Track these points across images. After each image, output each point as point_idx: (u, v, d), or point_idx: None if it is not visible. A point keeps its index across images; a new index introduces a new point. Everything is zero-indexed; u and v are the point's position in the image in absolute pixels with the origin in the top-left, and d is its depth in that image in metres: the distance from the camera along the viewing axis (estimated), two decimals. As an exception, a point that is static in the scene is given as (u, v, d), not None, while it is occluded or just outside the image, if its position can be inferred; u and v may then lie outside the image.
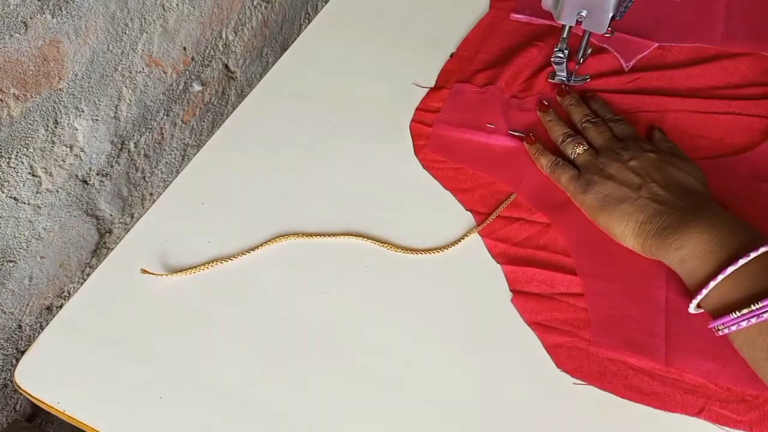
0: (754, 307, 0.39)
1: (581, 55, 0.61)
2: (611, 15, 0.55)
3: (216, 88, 0.82)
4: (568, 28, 0.59)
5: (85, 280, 0.55)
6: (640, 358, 0.45)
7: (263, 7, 0.86)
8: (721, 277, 0.41)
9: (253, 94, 0.66)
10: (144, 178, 0.74)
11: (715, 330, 0.42)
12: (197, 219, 0.56)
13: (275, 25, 0.91)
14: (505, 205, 0.54)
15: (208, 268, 0.52)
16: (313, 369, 0.47)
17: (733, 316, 0.40)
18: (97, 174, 0.66)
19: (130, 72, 0.66)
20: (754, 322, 0.39)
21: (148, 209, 0.57)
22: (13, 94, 0.53)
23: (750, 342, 0.41)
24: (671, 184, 0.49)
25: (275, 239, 0.53)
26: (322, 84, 0.66)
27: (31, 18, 0.52)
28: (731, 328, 0.41)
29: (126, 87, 0.66)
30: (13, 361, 0.64)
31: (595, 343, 0.46)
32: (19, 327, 0.64)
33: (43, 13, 0.53)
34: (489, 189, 0.56)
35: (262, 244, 0.53)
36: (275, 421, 0.45)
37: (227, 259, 0.52)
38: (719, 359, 0.44)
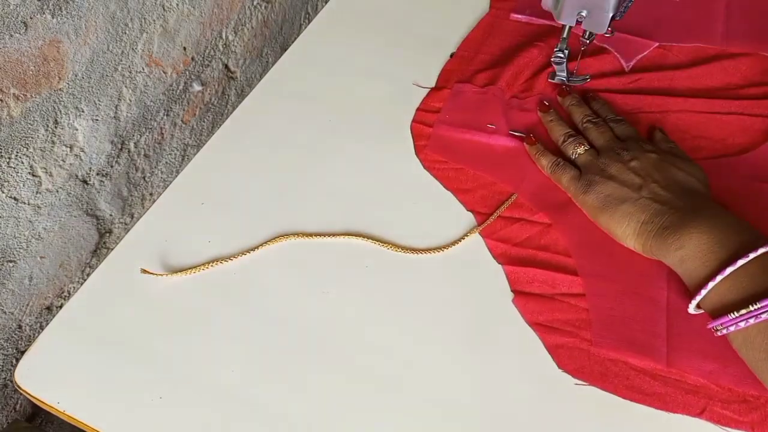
0: (753, 307, 0.39)
1: (580, 55, 0.61)
2: (611, 15, 0.55)
3: (216, 88, 0.82)
4: (568, 28, 0.59)
5: (85, 280, 0.55)
6: (641, 358, 0.45)
7: (263, 7, 0.86)
8: (719, 278, 0.41)
9: (253, 94, 0.66)
10: (144, 178, 0.74)
11: (714, 330, 0.42)
12: (197, 219, 0.56)
13: (275, 25, 0.91)
14: (506, 205, 0.54)
15: (208, 268, 0.52)
16: (313, 369, 0.47)
17: (732, 316, 0.40)
18: (97, 174, 0.66)
19: (130, 72, 0.66)
20: (752, 323, 0.39)
21: (148, 209, 0.57)
22: (13, 94, 0.53)
23: (748, 342, 0.41)
24: (672, 184, 0.49)
25: (275, 239, 0.53)
26: (322, 84, 0.66)
27: (31, 18, 0.52)
28: (730, 328, 0.41)
29: (126, 87, 0.66)
30: (13, 361, 0.64)
31: (597, 344, 0.46)
32: (19, 327, 0.64)
33: (43, 13, 0.53)
34: (490, 189, 0.56)
35: (263, 244, 0.53)
36: (275, 421, 0.44)
37: (227, 259, 0.52)
38: (720, 360, 0.44)
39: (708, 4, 0.70)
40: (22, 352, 0.62)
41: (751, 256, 0.41)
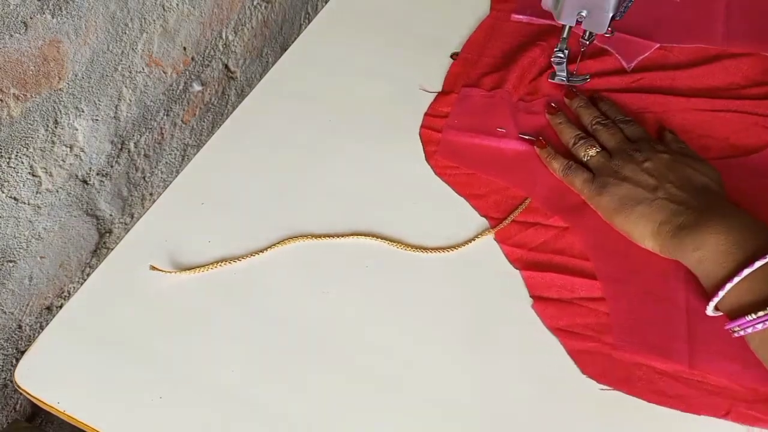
0: None
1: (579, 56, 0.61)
2: (611, 15, 0.55)
3: (216, 88, 0.82)
4: (568, 28, 0.59)
5: (85, 280, 0.55)
6: (664, 361, 0.44)
7: (263, 7, 0.86)
8: (737, 280, 0.41)
9: (253, 94, 0.66)
10: (144, 178, 0.74)
11: (732, 332, 0.42)
12: (197, 219, 0.56)
13: (275, 25, 0.91)
14: (520, 210, 0.54)
15: (216, 267, 0.52)
16: (314, 369, 0.47)
17: (749, 318, 0.40)
18: (97, 174, 0.66)
19: (130, 72, 0.66)
20: None
21: (148, 209, 0.57)
22: (13, 94, 0.53)
23: (766, 343, 0.41)
24: (687, 184, 0.49)
25: (285, 241, 0.53)
26: (322, 84, 0.66)
27: (31, 18, 0.52)
28: (747, 330, 0.41)
29: (126, 87, 0.66)
30: (13, 361, 0.64)
31: (619, 348, 0.46)
32: (19, 327, 0.64)
33: (43, 13, 0.53)
34: (503, 194, 0.55)
35: (272, 246, 0.53)
36: (275, 421, 0.44)
37: (235, 260, 0.52)
38: (742, 360, 0.44)
39: (708, 5, 0.70)
40: (22, 352, 0.62)
41: None
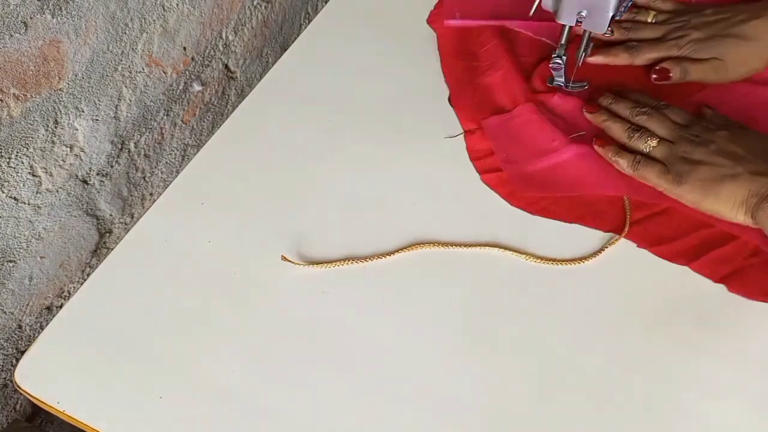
0: None
1: (581, 54, 0.61)
2: (611, 15, 0.55)
3: (216, 88, 0.82)
4: (567, 29, 0.58)
5: (85, 280, 0.55)
6: None
7: (263, 7, 0.86)
8: None
9: (253, 94, 0.66)
10: (144, 178, 0.74)
11: None
12: (197, 219, 0.56)
13: (275, 25, 0.91)
14: (629, 212, 0.54)
15: (343, 265, 0.52)
16: (314, 369, 0.47)
17: None
18: (97, 174, 0.66)
19: (130, 72, 0.66)
20: None
21: (148, 209, 0.57)
22: (13, 94, 0.53)
23: None
24: (757, 152, 0.50)
25: (412, 247, 0.52)
26: (322, 84, 0.66)
27: (31, 18, 0.52)
28: None
29: (126, 87, 0.66)
30: (13, 361, 0.64)
31: None
32: (19, 327, 0.64)
33: (43, 13, 0.53)
34: (602, 205, 0.55)
35: (399, 251, 0.52)
36: (275, 421, 0.45)
37: (364, 260, 0.52)
38: None
39: None
40: (22, 352, 0.62)
41: None
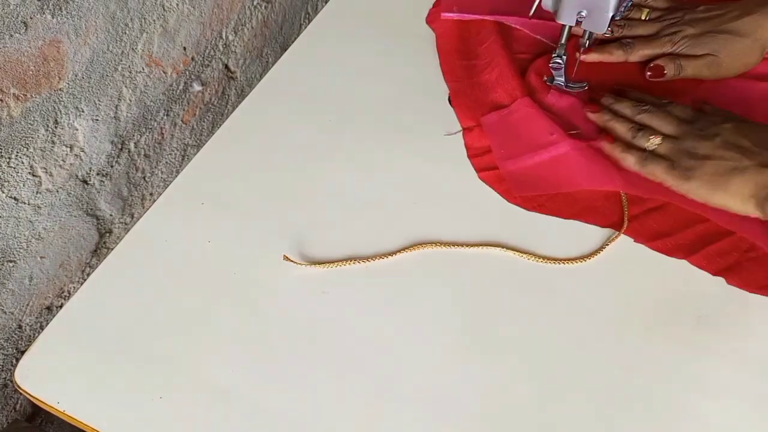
0: None
1: (581, 50, 0.61)
2: (611, 15, 0.55)
3: (216, 88, 0.82)
4: (567, 29, 0.58)
5: (85, 280, 0.55)
6: None
7: (263, 7, 0.86)
8: None
9: (253, 94, 0.66)
10: (144, 178, 0.74)
11: None
12: (197, 219, 0.56)
13: (275, 25, 0.91)
14: (627, 208, 0.54)
15: (345, 265, 0.52)
16: (314, 369, 0.47)
17: None
18: (97, 174, 0.66)
19: (130, 72, 0.66)
20: None
21: (148, 209, 0.57)
22: (13, 94, 0.53)
23: None
24: (764, 144, 0.50)
25: (414, 247, 0.53)
26: (322, 84, 0.66)
27: (31, 18, 0.52)
28: None
29: (126, 87, 0.66)
30: (13, 361, 0.64)
31: None
32: (19, 327, 0.64)
33: (43, 13, 0.53)
34: (597, 201, 0.55)
35: (400, 251, 0.52)
36: (275, 421, 0.45)
37: (365, 260, 0.52)
38: None
39: None
40: (22, 352, 0.62)
41: None
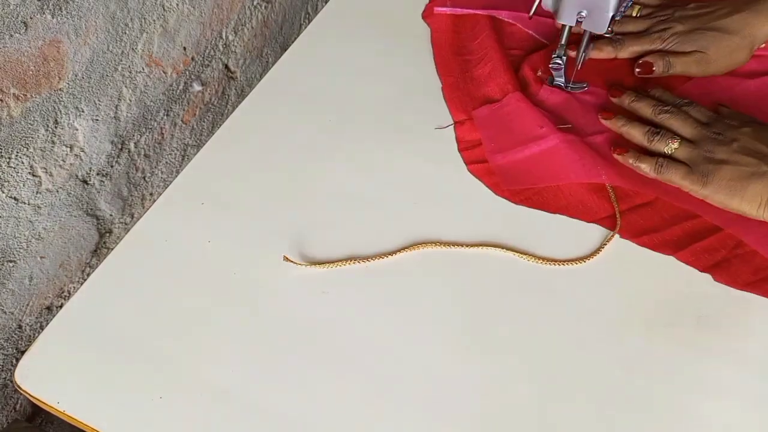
0: None
1: (580, 59, 0.61)
2: (611, 15, 0.55)
3: (216, 88, 0.82)
4: (567, 29, 0.58)
5: (85, 280, 0.55)
6: None
7: (263, 7, 0.86)
8: None
9: (253, 94, 0.66)
10: (144, 178, 0.74)
11: None
12: (197, 219, 0.56)
13: (275, 25, 0.91)
14: (617, 204, 0.54)
15: (345, 265, 0.52)
16: (314, 369, 0.47)
17: None
18: (97, 174, 0.66)
19: (130, 72, 0.66)
20: None
21: (148, 209, 0.57)
22: (13, 94, 0.53)
23: None
24: None
25: (413, 246, 0.53)
26: (322, 84, 0.66)
27: (31, 18, 0.52)
28: None
29: (126, 87, 0.66)
30: (13, 361, 0.64)
31: None
32: (19, 327, 0.64)
33: (43, 13, 0.53)
34: (584, 196, 0.55)
35: (400, 250, 0.52)
36: (275, 421, 0.44)
37: (365, 260, 0.52)
38: None
39: None
40: (22, 352, 0.62)
41: None
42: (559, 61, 0.60)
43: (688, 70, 0.60)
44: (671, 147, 0.54)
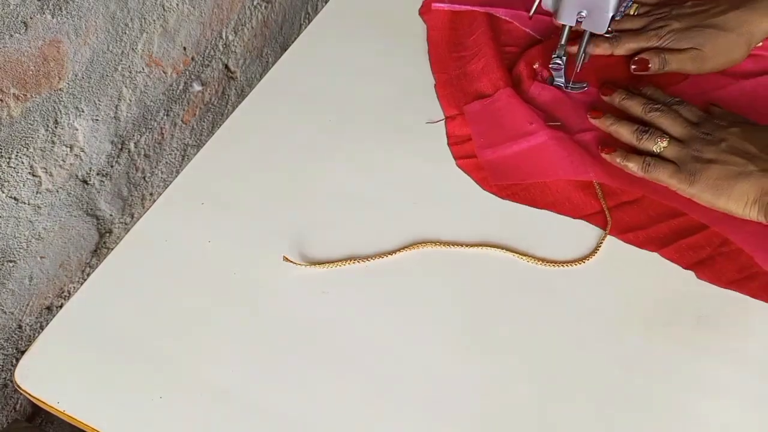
0: None
1: (580, 59, 0.61)
2: (611, 15, 0.55)
3: (216, 88, 0.82)
4: (567, 29, 0.58)
5: (85, 280, 0.55)
6: None
7: (263, 7, 0.86)
8: None
9: (253, 94, 0.66)
10: (144, 178, 0.74)
11: None
12: (197, 219, 0.56)
13: (275, 25, 0.91)
14: (605, 201, 0.54)
15: (345, 265, 0.52)
16: (314, 369, 0.47)
17: None
18: (97, 174, 0.66)
19: (130, 72, 0.66)
20: None
21: (148, 209, 0.57)
22: (13, 94, 0.53)
23: None
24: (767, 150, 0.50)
25: (413, 246, 0.53)
26: (322, 84, 0.66)
27: (31, 18, 0.52)
28: None
29: (126, 87, 0.66)
30: (13, 361, 0.64)
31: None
32: (19, 327, 0.64)
33: (43, 13, 0.53)
34: (571, 193, 0.55)
35: (400, 250, 0.52)
36: (275, 421, 0.45)
37: (365, 260, 0.52)
38: None
39: None
40: (22, 352, 0.62)
41: None
42: (559, 62, 0.60)
43: (683, 67, 0.60)
44: (660, 146, 0.54)
